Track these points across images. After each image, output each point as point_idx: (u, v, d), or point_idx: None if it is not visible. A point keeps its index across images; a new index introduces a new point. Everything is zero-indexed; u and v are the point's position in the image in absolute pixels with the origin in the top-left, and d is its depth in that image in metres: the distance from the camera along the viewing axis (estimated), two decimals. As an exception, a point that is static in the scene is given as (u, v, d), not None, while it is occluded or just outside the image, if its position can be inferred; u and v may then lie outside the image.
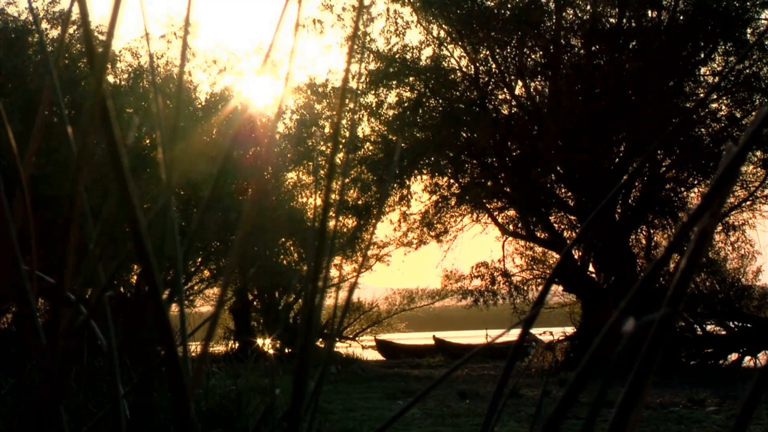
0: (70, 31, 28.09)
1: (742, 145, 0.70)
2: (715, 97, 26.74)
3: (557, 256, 29.58)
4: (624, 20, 26.51)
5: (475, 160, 28.35)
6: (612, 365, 0.74)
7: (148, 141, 24.92)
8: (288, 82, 0.87)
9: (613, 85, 24.52)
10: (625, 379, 0.82)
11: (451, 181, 29.12)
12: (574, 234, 28.76)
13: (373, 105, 28.75)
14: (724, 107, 27.05)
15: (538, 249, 30.47)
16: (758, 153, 25.84)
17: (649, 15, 26.60)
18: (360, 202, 29.25)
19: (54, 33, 29.00)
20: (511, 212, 29.42)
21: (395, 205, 30.00)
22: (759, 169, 27.20)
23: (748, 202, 28.15)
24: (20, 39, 27.06)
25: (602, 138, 25.83)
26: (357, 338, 43.59)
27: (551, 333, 28.05)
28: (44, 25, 28.92)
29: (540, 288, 30.26)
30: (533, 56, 27.61)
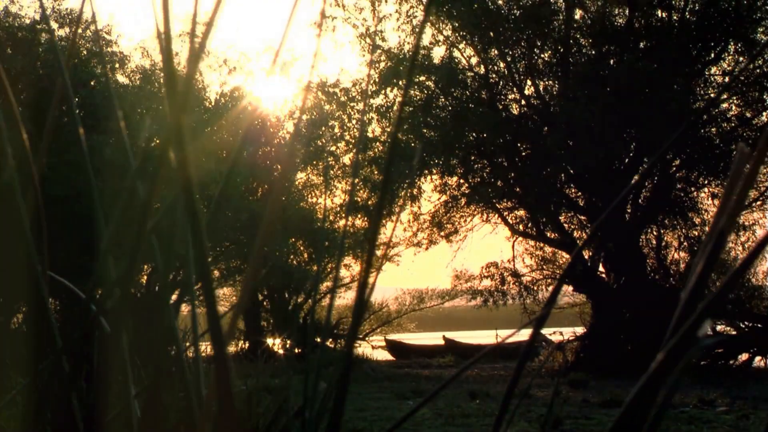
0: (79, 30, 28.13)
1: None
2: (725, 96, 26.70)
3: (567, 256, 29.56)
4: (634, 20, 26.48)
5: (485, 160, 28.33)
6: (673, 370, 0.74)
7: (157, 140, 24.95)
8: (307, 86, 0.87)
9: (623, 84, 24.49)
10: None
11: (461, 180, 29.10)
12: (584, 234, 28.73)
13: (384, 105, 28.77)
14: (734, 107, 27.01)
15: (548, 249, 30.44)
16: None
17: (660, 15, 26.57)
18: (370, 203, 29.25)
19: (62, 32, 29.02)
20: (521, 212, 29.38)
21: (405, 205, 29.99)
22: (769, 168, 27.17)
23: (759, 202, 28.10)
24: (29, 38, 27.12)
25: (612, 138, 25.80)
26: (367, 338, 43.57)
27: (561, 333, 28.01)
28: (53, 24, 28.94)
29: (550, 288, 30.28)
30: (543, 56, 27.60)
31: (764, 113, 26.61)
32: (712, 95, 26.90)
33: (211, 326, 0.79)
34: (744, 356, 26.62)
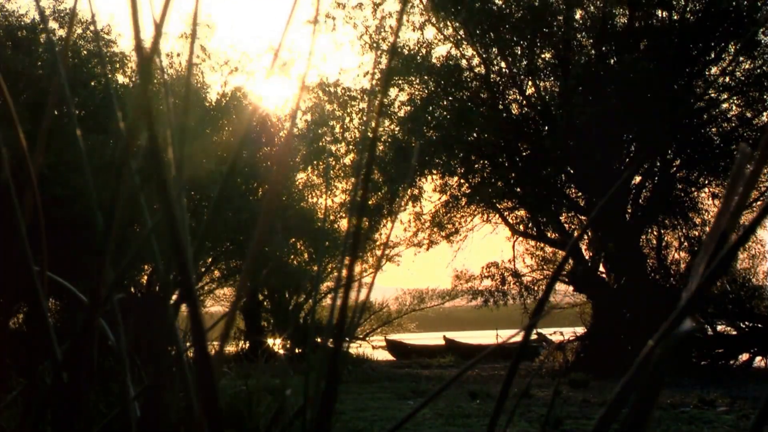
0: (78, 31, 28.13)
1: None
2: (725, 96, 26.71)
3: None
4: (634, 20, 26.48)
5: (486, 160, 28.32)
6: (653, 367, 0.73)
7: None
8: (303, 84, 0.87)
9: (623, 84, 24.48)
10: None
11: (462, 180, 29.09)
12: (585, 235, 28.73)
13: (386, 104, 28.75)
14: (734, 107, 27.02)
15: (549, 249, 30.44)
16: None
17: (660, 15, 26.56)
18: (371, 203, 29.21)
19: (62, 32, 29.01)
20: (522, 212, 29.38)
21: (407, 205, 29.99)
22: (770, 168, 27.15)
23: (759, 202, 28.08)
24: (29, 38, 27.12)
25: (612, 138, 25.80)
26: (367, 338, 43.58)
27: (562, 333, 28.02)
28: (53, 24, 28.93)
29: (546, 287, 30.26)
30: (543, 56, 27.59)
31: (764, 113, 26.62)
32: (712, 95, 26.90)
33: (193, 327, 0.79)
34: (744, 356, 26.63)
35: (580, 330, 28.13)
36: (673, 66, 24.92)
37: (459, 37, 28.22)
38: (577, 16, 27.21)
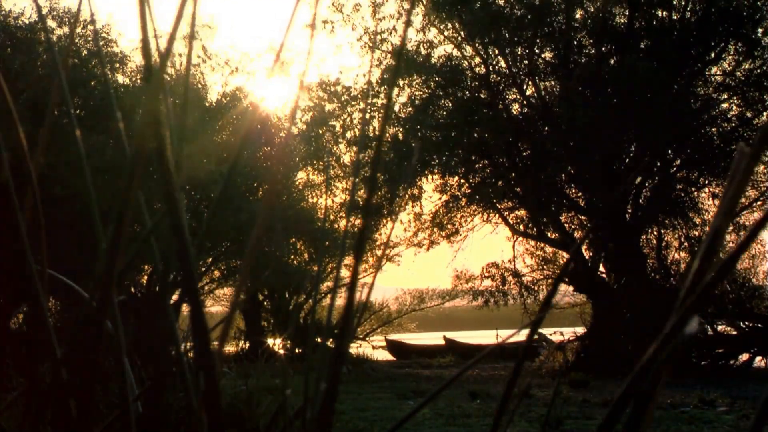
0: (78, 30, 28.12)
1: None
2: (725, 96, 26.71)
3: (568, 256, 29.52)
4: (634, 20, 26.49)
5: (486, 160, 28.32)
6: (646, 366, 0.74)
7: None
8: (301, 84, 0.87)
9: (623, 85, 24.49)
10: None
11: (462, 180, 29.08)
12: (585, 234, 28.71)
13: (383, 104, 28.74)
14: (734, 107, 27.02)
15: (549, 249, 30.43)
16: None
17: (660, 15, 26.57)
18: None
19: (60, 32, 28.96)
20: (522, 212, 29.38)
21: (406, 205, 29.99)
22: (770, 168, 27.18)
23: (759, 202, 28.07)
24: (28, 38, 27.11)
25: (613, 138, 25.80)
26: (367, 338, 43.58)
27: (562, 333, 28.02)
28: (51, 23, 28.88)
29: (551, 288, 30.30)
30: (544, 56, 27.60)
31: (764, 113, 26.61)
32: (712, 95, 26.91)
33: (195, 327, 0.79)
34: (744, 356, 26.63)
35: (580, 330, 28.13)
36: (673, 66, 24.92)
37: (459, 37, 28.25)
38: (578, 16, 27.21)
